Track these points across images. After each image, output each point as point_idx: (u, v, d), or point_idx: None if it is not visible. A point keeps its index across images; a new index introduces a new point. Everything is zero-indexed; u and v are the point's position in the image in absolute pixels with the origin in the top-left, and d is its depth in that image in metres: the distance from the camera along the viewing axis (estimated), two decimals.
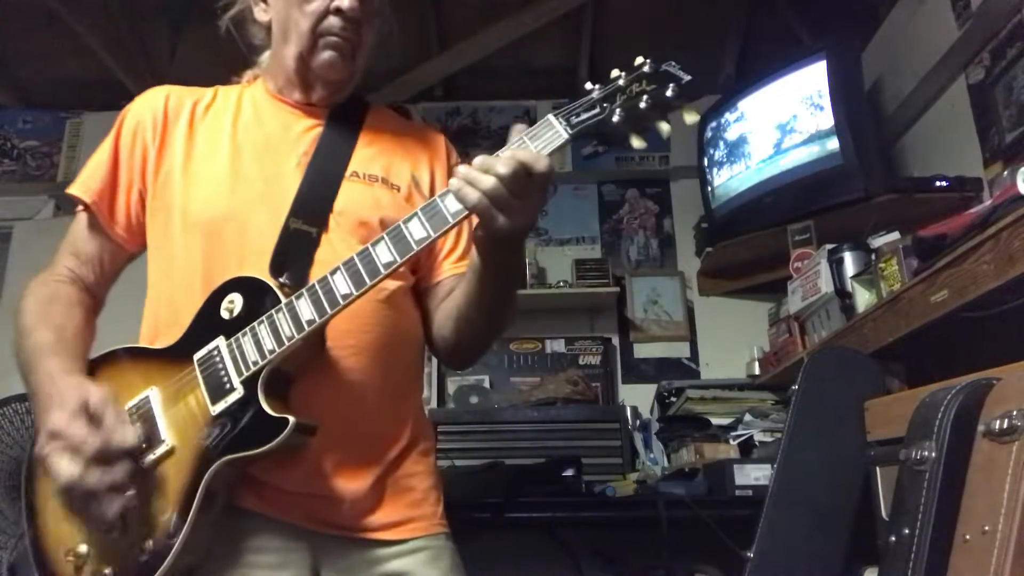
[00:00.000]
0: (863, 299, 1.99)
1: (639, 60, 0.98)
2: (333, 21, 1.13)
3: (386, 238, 0.98)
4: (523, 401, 2.73)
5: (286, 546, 1.01)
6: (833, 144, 2.44)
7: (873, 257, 1.96)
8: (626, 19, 3.15)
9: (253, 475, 1.00)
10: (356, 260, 0.98)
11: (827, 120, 2.46)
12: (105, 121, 1.18)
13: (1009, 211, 1.33)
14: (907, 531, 1.07)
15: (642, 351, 3.16)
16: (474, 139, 3.40)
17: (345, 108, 1.22)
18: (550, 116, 0.97)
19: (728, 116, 2.83)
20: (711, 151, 2.94)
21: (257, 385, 0.97)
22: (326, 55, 1.14)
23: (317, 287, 0.98)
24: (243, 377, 0.98)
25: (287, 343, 0.97)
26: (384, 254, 0.97)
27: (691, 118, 0.97)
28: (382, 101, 3.36)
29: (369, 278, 0.97)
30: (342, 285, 0.97)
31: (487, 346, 1.22)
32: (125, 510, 0.93)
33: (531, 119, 3.39)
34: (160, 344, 1.07)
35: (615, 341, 3.16)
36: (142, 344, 1.10)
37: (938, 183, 2.28)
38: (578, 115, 0.97)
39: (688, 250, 3.25)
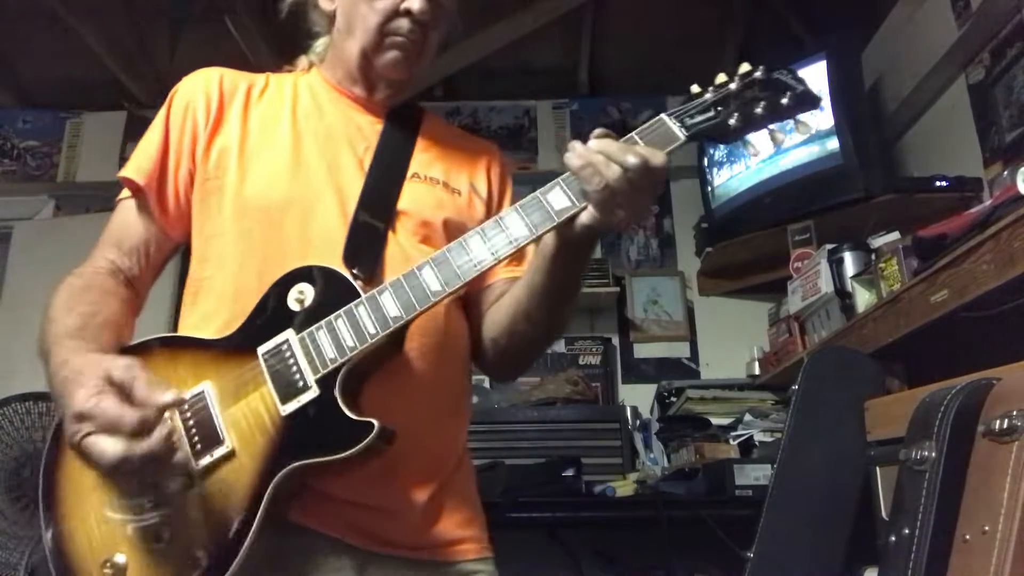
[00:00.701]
0: (863, 299, 1.99)
1: (746, 67, 0.95)
2: (402, 22, 1.08)
3: (481, 233, 0.93)
4: (523, 401, 2.73)
5: (328, 563, 0.94)
6: (833, 144, 2.44)
7: (873, 257, 1.97)
8: (626, 19, 3.15)
9: (310, 482, 0.93)
10: (448, 255, 0.92)
11: (827, 120, 2.46)
12: (105, 121, 1.16)
13: (1009, 211, 1.33)
14: (907, 531, 1.07)
15: (642, 351, 3.16)
16: None
17: (402, 111, 1.18)
18: (663, 116, 0.94)
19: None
20: (711, 151, 2.94)
21: (335, 385, 0.90)
22: (391, 55, 1.10)
23: (403, 281, 0.92)
24: (319, 375, 0.90)
25: (370, 340, 0.90)
26: (479, 250, 0.92)
27: (805, 130, 0.97)
28: None
29: (463, 275, 0.91)
30: (433, 281, 0.91)
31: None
32: (183, 487, 0.87)
33: (531, 119, 3.42)
34: (211, 335, 0.98)
35: (615, 341, 3.16)
36: (187, 334, 1.02)
37: (938, 183, 2.28)
38: (692, 116, 0.94)
39: (688, 250, 3.25)
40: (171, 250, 1.13)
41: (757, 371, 2.80)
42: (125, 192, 1.10)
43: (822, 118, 2.48)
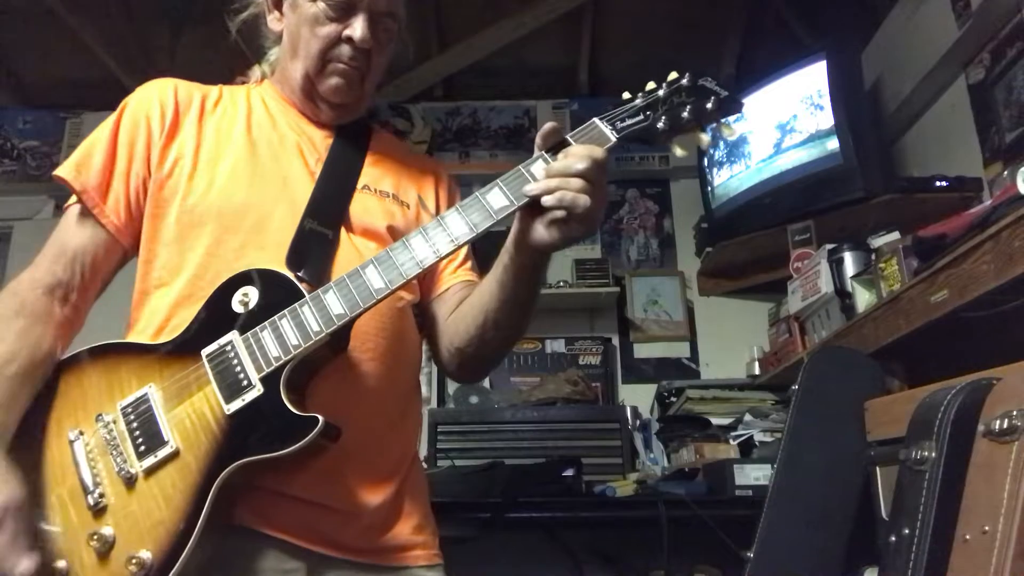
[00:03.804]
0: (863, 299, 1.99)
1: (674, 75, 1.00)
2: (344, 50, 1.10)
3: (423, 233, 0.96)
4: (523, 401, 2.73)
5: (279, 566, 0.95)
6: (833, 144, 2.44)
7: (873, 257, 1.96)
8: (626, 19, 3.15)
9: (258, 481, 0.94)
10: (391, 254, 0.95)
11: (827, 120, 2.46)
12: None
13: (1009, 211, 1.33)
14: (907, 531, 1.07)
15: (642, 351, 3.16)
16: (474, 139, 3.41)
17: (352, 127, 1.21)
18: (595, 120, 0.98)
19: (728, 116, 2.83)
20: (711, 151, 2.94)
21: (279, 383, 0.92)
22: (332, 81, 1.12)
23: (347, 280, 0.95)
24: (263, 374, 0.92)
25: (314, 338, 0.92)
26: (421, 249, 0.95)
27: (729, 133, 1.02)
28: (382, 100, 3.36)
29: (405, 273, 0.94)
30: (376, 279, 0.94)
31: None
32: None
33: (531, 119, 3.42)
34: (156, 339, 1.00)
35: (615, 341, 3.16)
36: (131, 340, 1.03)
37: (938, 183, 2.28)
38: (623, 120, 0.98)
39: (688, 250, 3.25)
40: (121, 257, 1.11)
41: (757, 371, 2.80)
42: (72, 199, 1.08)
43: (822, 118, 2.48)
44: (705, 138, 1.00)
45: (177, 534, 0.87)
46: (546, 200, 0.91)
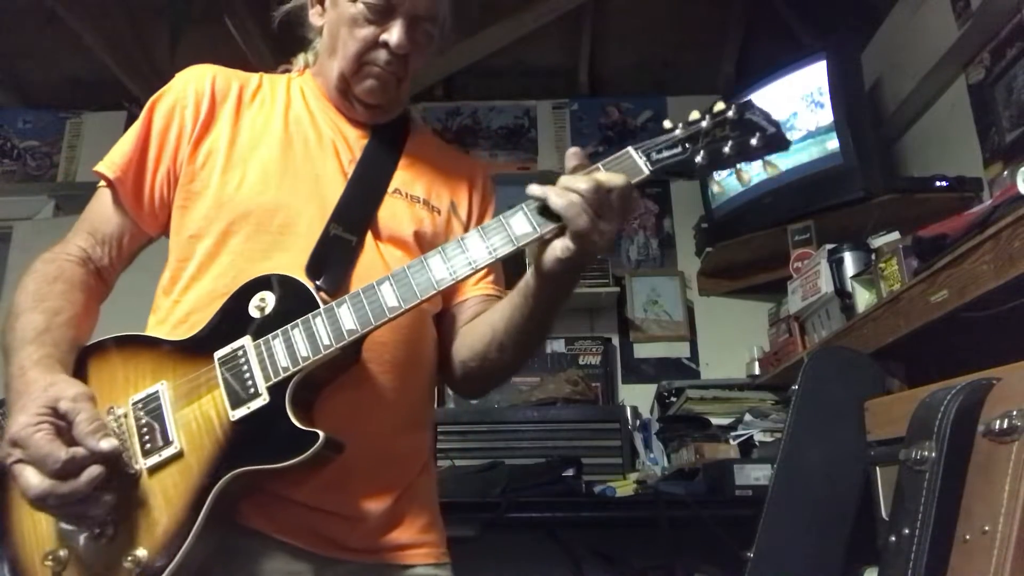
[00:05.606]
0: (863, 299, 1.99)
1: (720, 106, 0.96)
2: (380, 54, 1.09)
3: (442, 252, 0.94)
4: (523, 401, 2.73)
5: (285, 569, 0.95)
6: (833, 144, 2.44)
7: (873, 257, 1.97)
8: (626, 19, 3.15)
9: (261, 486, 0.94)
10: (407, 273, 0.94)
11: (827, 120, 2.46)
12: (105, 121, 1.15)
13: (1009, 211, 1.33)
14: (907, 531, 1.07)
15: (642, 351, 3.15)
16: (474, 139, 3.41)
17: (389, 125, 1.20)
18: (630, 149, 0.96)
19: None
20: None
21: (285, 393, 0.91)
22: (367, 83, 1.12)
23: (362, 296, 0.93)
24: (270, 383, 0.91)
25: (323, 352, 0.91)
26: (439, 269, 0.93)
27: (772, 171, 0.98)
28: None
29: (420, 293, 0.93)
30: (390, 297, 0.93)
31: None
32: (110, 514, 0.87)
33: (531, 119, 3.42)
34: (173, 336, 1.00)
35: (615, 341, 3.16)
36: (151, 333, 1.03)
37: (938, 183, 2.29)
38: (659, 151, 0.95)
39: (688, 250, 3.25)
40: (144, 243, 1.13)
41: (757, 371, 2.80)
42: (103, 181, 1.10)
43: (822, 117, 2.48)
44: (745, 175, 0.97)
45: (173, 535, 0.87)
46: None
